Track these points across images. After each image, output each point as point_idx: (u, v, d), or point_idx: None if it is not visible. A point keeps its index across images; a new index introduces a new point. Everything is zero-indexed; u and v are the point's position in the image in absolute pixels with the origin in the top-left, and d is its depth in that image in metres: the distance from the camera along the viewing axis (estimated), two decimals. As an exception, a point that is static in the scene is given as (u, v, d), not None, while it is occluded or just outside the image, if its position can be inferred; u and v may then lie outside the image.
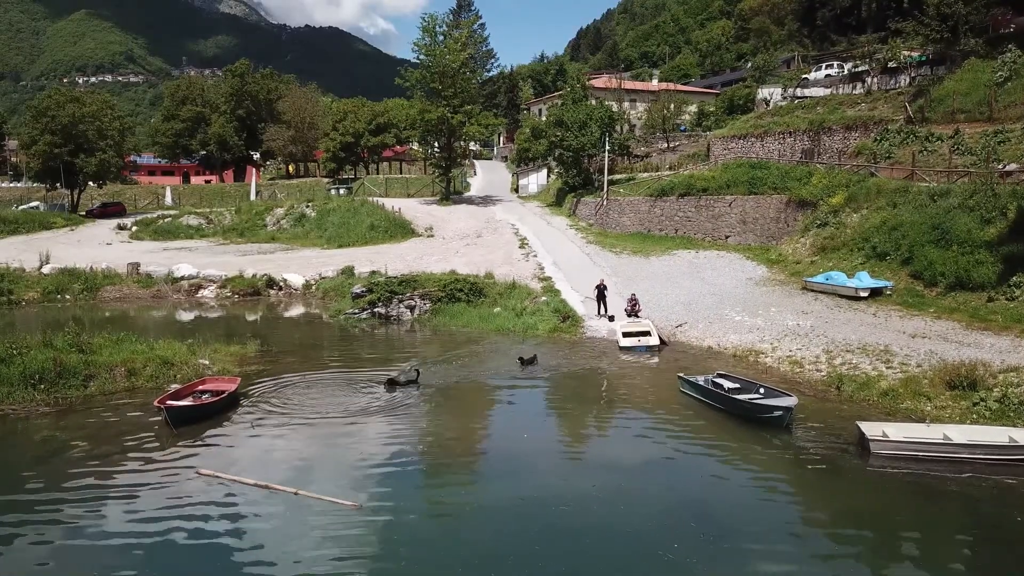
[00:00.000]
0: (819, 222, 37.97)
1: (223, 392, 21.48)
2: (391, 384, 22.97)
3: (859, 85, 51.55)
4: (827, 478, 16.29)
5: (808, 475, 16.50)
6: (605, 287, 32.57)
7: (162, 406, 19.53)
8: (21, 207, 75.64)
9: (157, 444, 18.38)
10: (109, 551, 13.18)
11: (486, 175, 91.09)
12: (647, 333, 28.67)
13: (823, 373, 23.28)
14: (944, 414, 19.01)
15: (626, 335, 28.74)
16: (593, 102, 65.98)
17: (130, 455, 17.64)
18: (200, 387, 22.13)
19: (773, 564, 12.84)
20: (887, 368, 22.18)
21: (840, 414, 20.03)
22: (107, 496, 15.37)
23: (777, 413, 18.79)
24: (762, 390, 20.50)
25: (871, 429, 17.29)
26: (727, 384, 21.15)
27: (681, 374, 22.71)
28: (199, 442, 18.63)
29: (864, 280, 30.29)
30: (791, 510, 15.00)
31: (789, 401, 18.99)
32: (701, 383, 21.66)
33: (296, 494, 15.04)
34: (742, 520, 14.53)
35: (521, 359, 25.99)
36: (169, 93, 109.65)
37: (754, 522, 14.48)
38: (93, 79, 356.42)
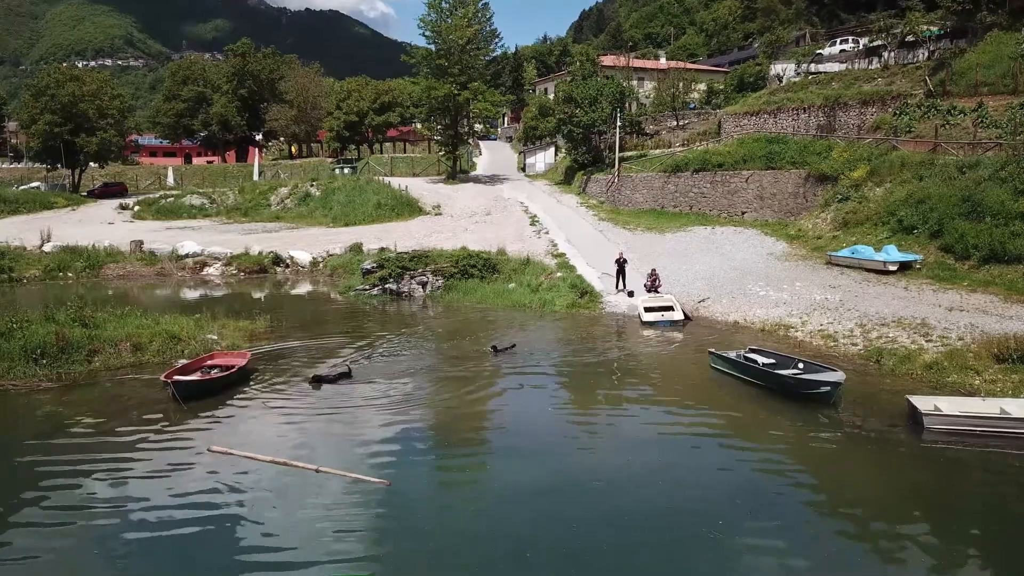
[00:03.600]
0: (840, 196, 36.90)
1: (232, 367, 20.59)
2: (316, 381, 20.39)
3: (875, 60, 50.32)
4: (880, 453, 15.34)
5: (859, 451, 15.55)
6: (625, 260, 31.51)
7: (169, 381, 18.66)
8: (22, 187, 74.73)
9: (165, 420, 17.50)
10: (117, 530, 12.33)
11: (492, 154, 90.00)
12: (670, 308, 27.73)
13: (859, 347, 22.32)
14: (995, 388, 18.04)
15: (648, 310, 27.81)
16: (601, 80, 64.76)
17: (138, 431, 16.77)
18: (209, 362, 21.24)
19: (830, 542, 11.96)
20: (927, 342, 21.24)
21: (884, 388, 19.09)
22: (114, 473, 14.51)
23: (825, 389, 17.80)
24: (801, 364, 19.54)
25: (923, 403, 16.33)
26: (761, 359, 20.16)
27: (712, 349, 21.73)
28: (209, 418, 17.78)
29: (892, 254, 29.29)
30: (844, 486, 14.03)
31: (837, 376, 18.00)
32: (734, 358, 20.68)
33: (318, 471, 14.10)
34: (792, 497, 13.66)
35: (494, 347, 23.62)
36: (170, 73, 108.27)
37: (805, 499, 13.62)
38: (92, 63, 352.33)
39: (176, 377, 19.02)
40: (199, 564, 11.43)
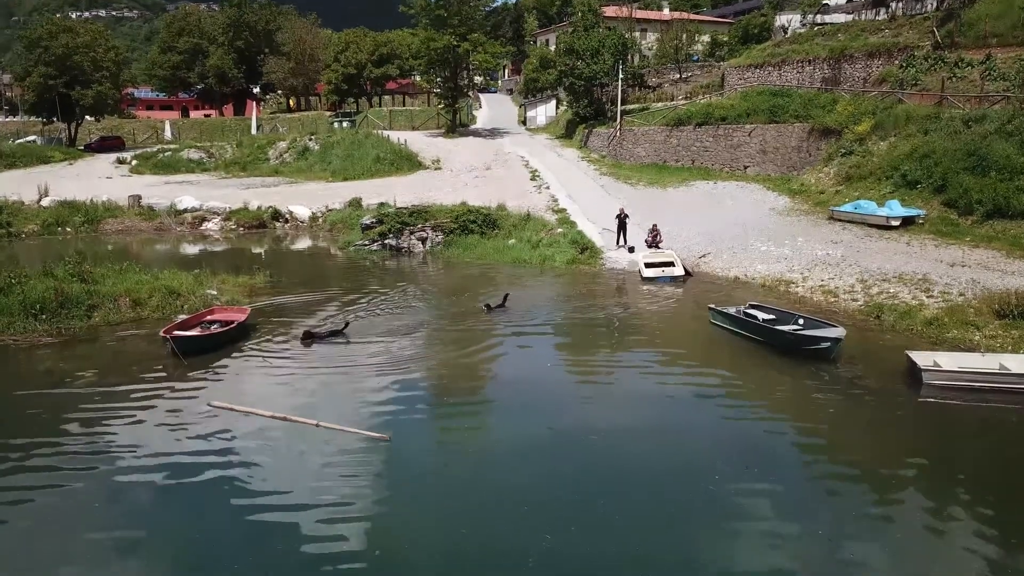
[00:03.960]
0: (844, 151, 36.50)
1: (232, 322, 20.57)
2: (308, 337, 20.19)
3: (883, 11, 49.30)
4: (878, 409, 15.37)
5: (858, 406, 15.58)
6: (626, 215, 31.29)
7: (168, 336, 18.65)
8: (18, 141, 73.92)
9: (165, 375, 17.56)
10: (119, 485, 12.43)
11: (492, 107, 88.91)
12: (671, 263, 27.63)
13: (860, 303, 22.27)
14: (995, 344, 18.05)
15: (648, 266, 27.70)
16: (603, 31, 63.66)
17: (138, 386, 16.83)
18: (208, 317, 21.21)
19: (827, 496, 12.07)
20: (927, 297, 21.19)
21: (884, 344, 19.12)
22: (114, 427, 14.60)
23: (825, 345, 17.79)
24: (801, 320, 19.48)
25: (922, 359, 16.33)
26: (761, 315, 20.11)
27: (712, 305, 21.66)
28: (209, 373, 17.81)
29: (895, 209, 29.06)
30: (842, 441, 14.09)
31: (837, 332, 17.97)
32: (734, 314, 20.62)
33: (318, 426, 14.15)
34: (790, 452, 13.78)
35: (487, 305, 23.33)
36: (165, 24, 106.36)
37: (803, 453, 13.72)
38: (86, 14, 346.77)
39: (176, 332, 19.02)
40: (200, 515, 11.53)
